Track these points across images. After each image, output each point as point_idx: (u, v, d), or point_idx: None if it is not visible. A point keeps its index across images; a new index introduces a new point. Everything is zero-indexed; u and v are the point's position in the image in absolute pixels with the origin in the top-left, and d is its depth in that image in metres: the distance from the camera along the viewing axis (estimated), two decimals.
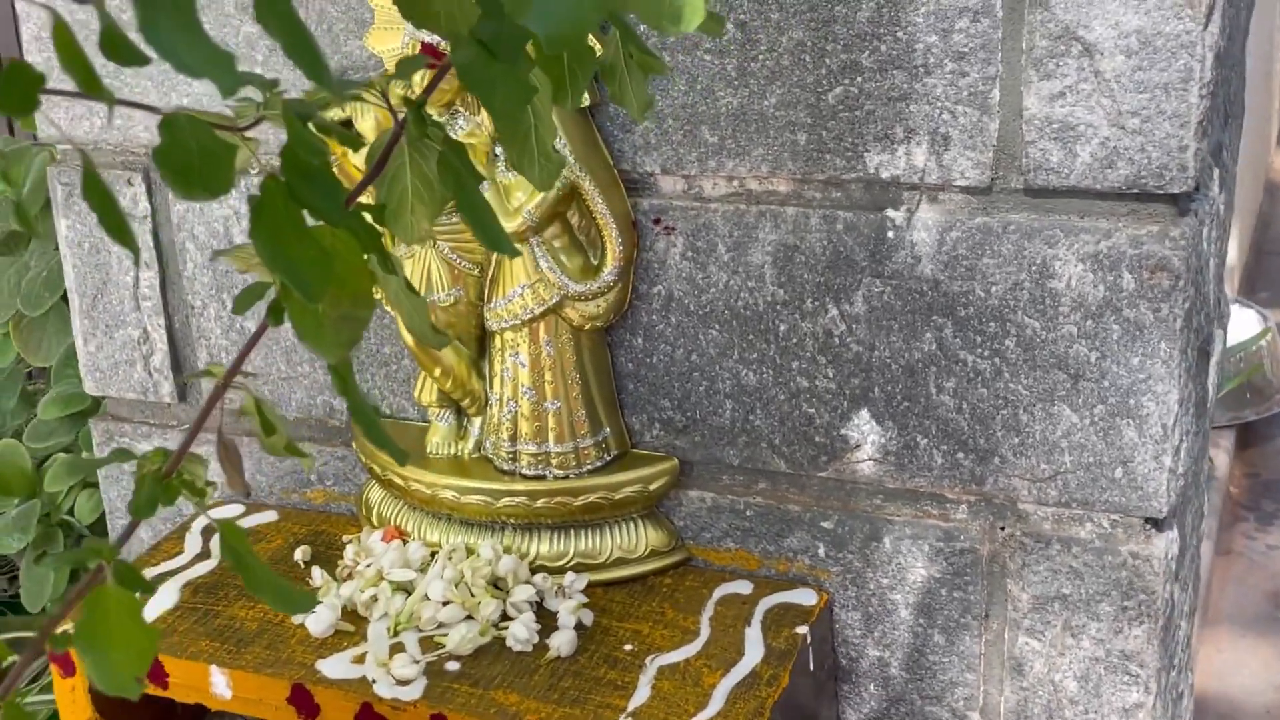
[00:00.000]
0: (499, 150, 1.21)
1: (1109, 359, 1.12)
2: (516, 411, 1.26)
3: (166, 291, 1.44)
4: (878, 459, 1.21)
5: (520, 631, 1.19)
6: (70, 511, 1.71)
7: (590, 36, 0.90)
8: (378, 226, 0.83)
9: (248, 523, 1.43)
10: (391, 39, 1.19)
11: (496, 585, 1.24)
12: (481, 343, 1.29)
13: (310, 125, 0.74)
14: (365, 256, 0.79)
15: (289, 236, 0.72)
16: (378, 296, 1.27)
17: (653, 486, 1.27)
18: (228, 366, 0.85)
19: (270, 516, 1.45)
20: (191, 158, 0.68)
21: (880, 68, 1.11)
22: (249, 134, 0.75)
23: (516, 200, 1.18)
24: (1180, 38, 1.02)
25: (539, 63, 0.88)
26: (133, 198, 1.41)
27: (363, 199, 0.82)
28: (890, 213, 1.15)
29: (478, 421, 1.31)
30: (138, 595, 0.81)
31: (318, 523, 1.43)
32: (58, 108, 1.41)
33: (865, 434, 1.21)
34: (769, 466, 1.26)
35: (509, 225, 1.18)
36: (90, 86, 0.59)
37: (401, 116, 0.81)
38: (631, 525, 1.29)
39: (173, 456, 0.83)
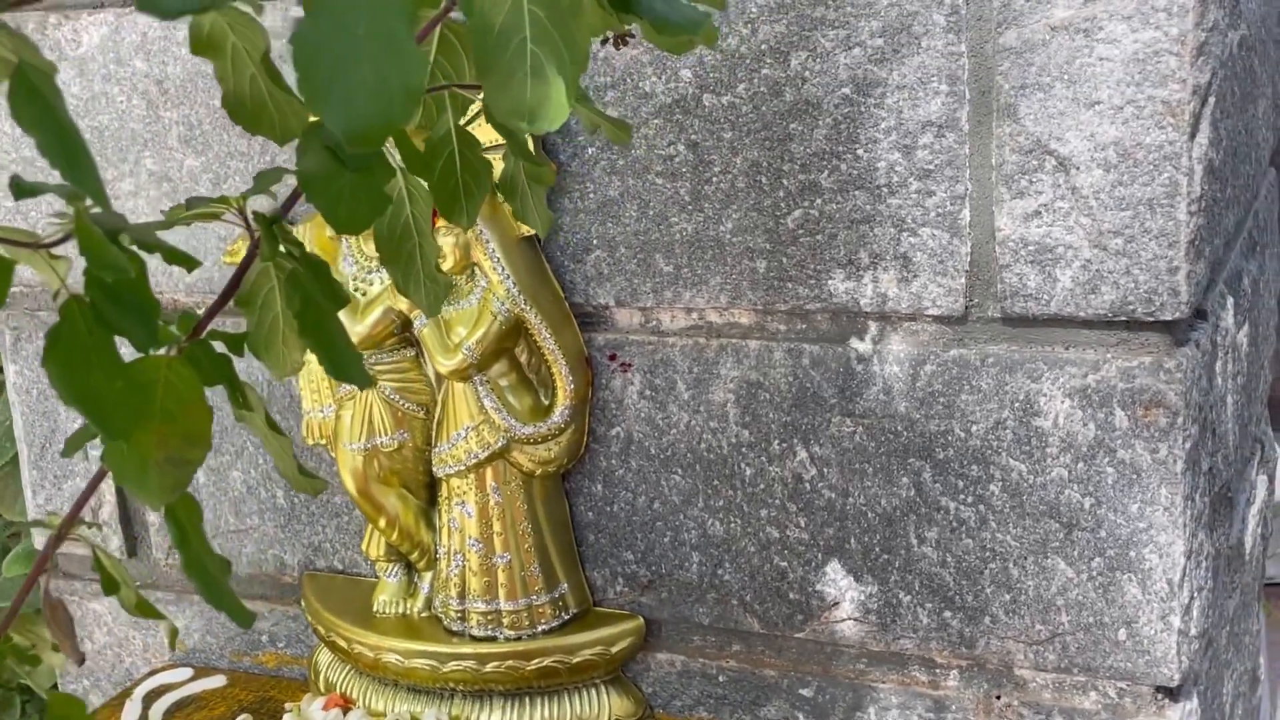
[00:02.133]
0: None
1: (1104, 506, 1.00)
2: (464, 566, 1.15)
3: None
4: (858, 618, 1.09)
5: None
6: (29, 673, 1.62)
7: (483, 149, 0.82)
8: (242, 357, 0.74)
9: (193, 688, 1.33)
10: None
11: None
12: (431, 490, 1.19)
13: (124, 241, 0.66)
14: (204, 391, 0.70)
15: (91, 367, 0.63)
16: (322, 442, 1.19)
17: (615, 649, 1.15)
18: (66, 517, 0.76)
19: (218, 681, 1.34)
20: None
21: (841, 188, 1.02)
22: (57, 252, 0.67)
23: (457, 335, 1.10)
24: (1163, 149, 0.93)
25: (428, 176, 0.81)
26: None
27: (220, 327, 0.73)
28: (858, 345, 1.05)
29: (428, 577, 1.21)
30: None
31: (267, 688, 1.32)
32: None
33: (843, 590, 1.09)
34: (742, 626, 1.14)
35: (449, 362, 1.09)
36: None
37: (257, 235, 0.72)
38: (593, 692, 1.17)
39: (4, 618, 0.74)
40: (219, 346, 0.70)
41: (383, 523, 1.18)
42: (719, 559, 1.13)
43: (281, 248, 0.73)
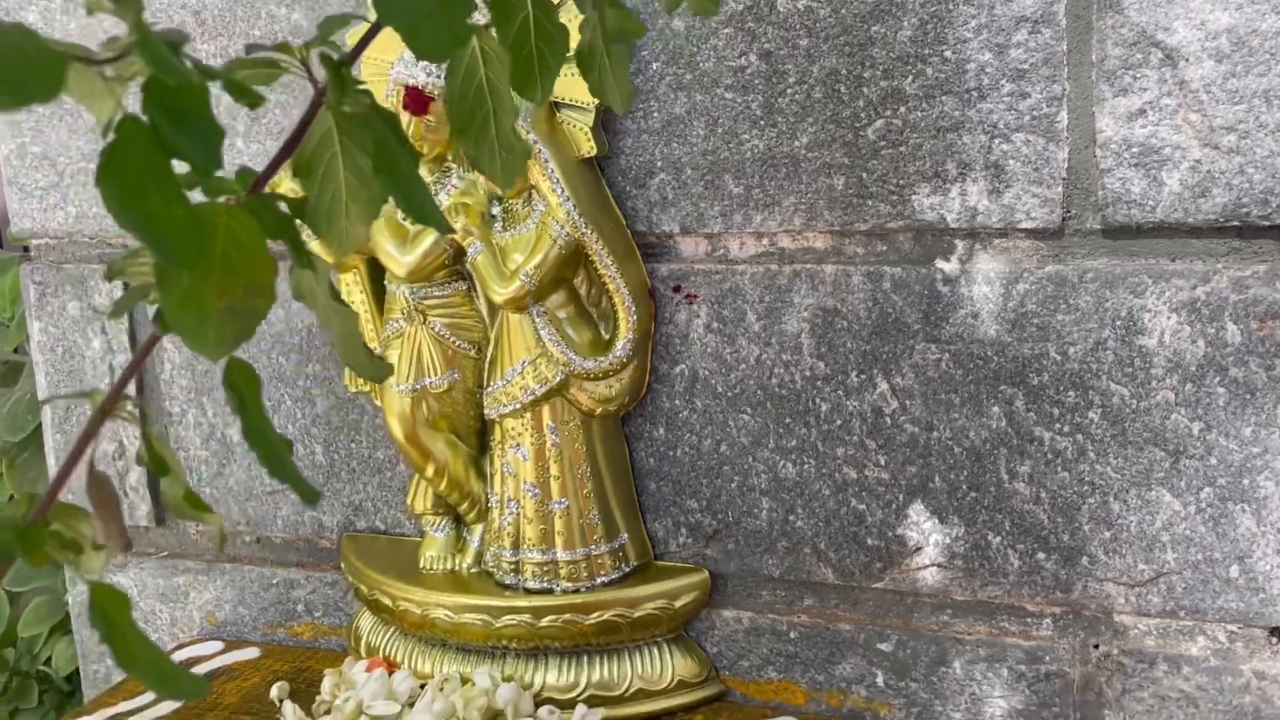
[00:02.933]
0: (495, 211, 1.06)
1: (1215, 430, 0.93)
2: (519, 514, 1.08)
3: (144, 400, 1.30)
4: (942, 564, 1.02)
5: None
6: (48, 662, 1.55)
7: (561, 13, 0.76)
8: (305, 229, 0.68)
9: (225, 660, 1.26)
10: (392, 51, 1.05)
11: None
12: (482, 437, 1.12)
13: (183, 59, 0.59)
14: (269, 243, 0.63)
15: (149, 189, 0.56)
16: (367, 389, 1.12)
17: (679, 603, 1.08)
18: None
19: (251, 654, 1.27)
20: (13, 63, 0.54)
21: (926, 94, 0.95)
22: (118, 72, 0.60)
23: (513, 263, 1.03)
24: None
25: (500, 38, 0.74)
26: (108, 294, 1.28)
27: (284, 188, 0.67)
28: (944, 265, 0.98)
29: (478, 530, 1.14)
30: None
31: (303, 659, 1.25)
32: (31, 198, 1.29)
33: (926, 534, 1.02)
34: (815, 577, 1.07)
35: (505, 290, 1.03)
36: None
37: (322, 84, 0.66)
38: (655, 651, 1.09)
39: (43, 496, 0.67)
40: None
41: (430, 471, 1.11)
42: (791, 504, 1.06)
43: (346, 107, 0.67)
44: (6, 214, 1.36)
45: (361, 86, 0.66)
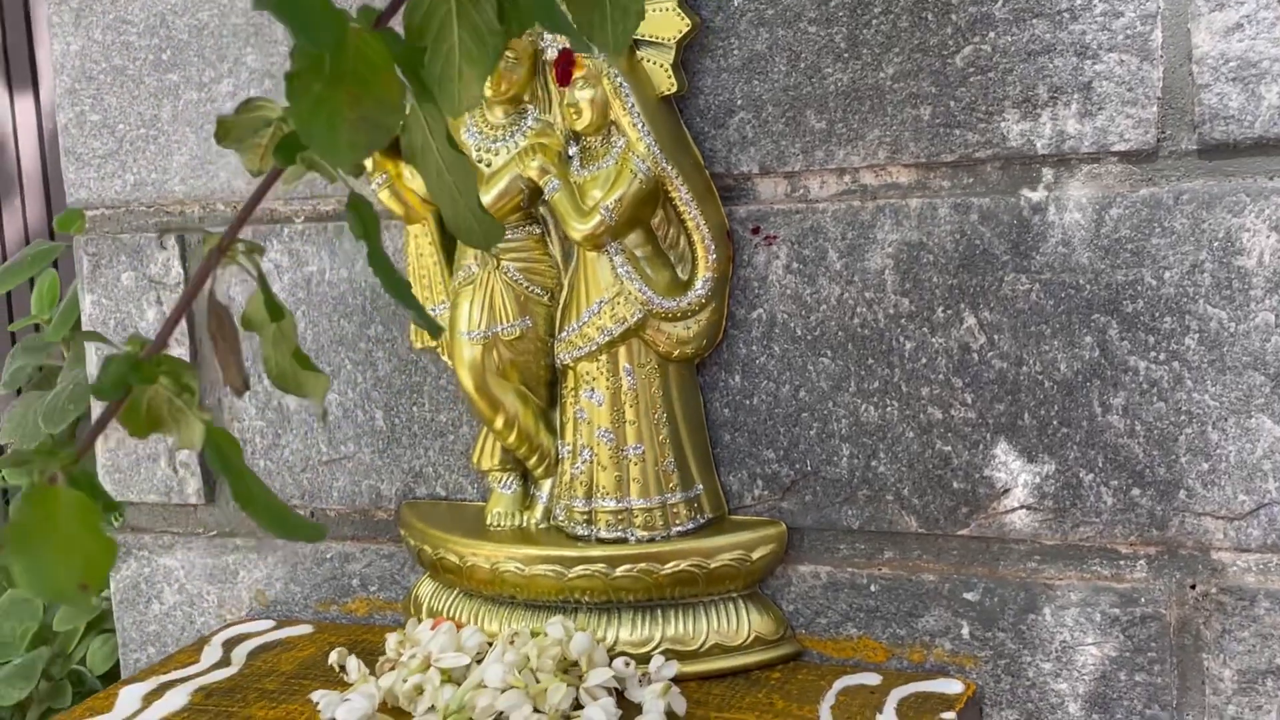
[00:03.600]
0: (572, 151, 1.05)
1: None
2: (593, 461, 1.06)
3: (197, 369, 1.27)
4: (1032, 505, 1.00)
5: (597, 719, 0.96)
6: (82, 661, 1.50)
7: None
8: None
9: (278, 635, 1.22)
10: None
11: (568, 671, 1.01)
12: (551, 390, 1.10)
13: None
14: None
15: None
16: (434, 346, 1.10)
17: (755, 555, 1.05)
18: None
19: (304, 630, 1.23)
20: None
21: (1016, 18, 0.95)
22: None
23: (592, 199, 1.02)
24: None
25: None
26: (164, 262, 1.26)
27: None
28: (1033, 194, 0.97)
29: (546, 485, 1.11)
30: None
31: (359, 634, 1.21)
32: (88, 166, 1.28)
33: (1015, 474, 1.00)
34: (897, 526, 1.04)
35: (585, 225, 1.01)
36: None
37: None
38: (730, 607, 1.06)
39: (156, 336, 0.65)
40: None
41: (500, 423, 1.09)
42: (872, 449, 1.03)
43: None
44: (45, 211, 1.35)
45: None
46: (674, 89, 1.02)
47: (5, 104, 2.41)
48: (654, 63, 1.02)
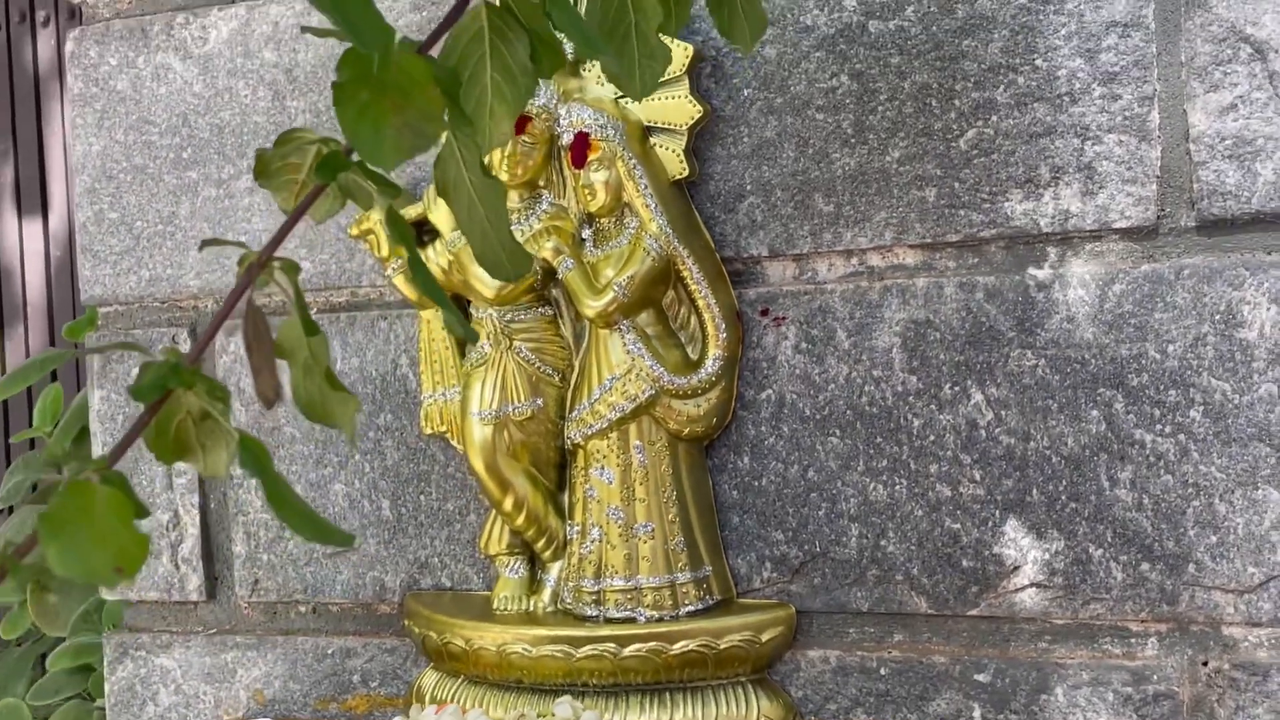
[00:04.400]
0: (585, 234, 1.07)
1: None
2: (602, 540, 1.06)
3: None
4: (1042, 583, 1.00)
5: None
6: None
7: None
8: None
9: None
10: None
11: None
12: (560, 473, 1.11)
13: None
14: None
15: None
16: (443, 431, 1.11)
17: (764, 637, 1.05)
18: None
19: None
20: None
21: (1018, 102, 0.98)
22: None
23: (605, 277, 1.04)
24: None
25: None
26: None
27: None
28: (1038, 272, 0.99)
29: (554, 569, 1.11)
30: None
31: None
32: (104, 263, 1.30)
33: (1024, 550, 1.00)
34: (906, 607, 1.04)
35: (597, 302, 1.03)
36: None
37: None
38: (739, 691, 1.05)
39: (199, 341, 0.66)
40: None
41: (509, 504, 1.09)
42: (881, 528, 1.04)
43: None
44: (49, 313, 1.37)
45: None
46: (685, 174, 1.05)
47: (15, 232, 2.45)
48: (667, 148, 1.05)
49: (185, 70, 1.25)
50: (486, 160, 1.05)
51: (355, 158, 0.69)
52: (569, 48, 1.02)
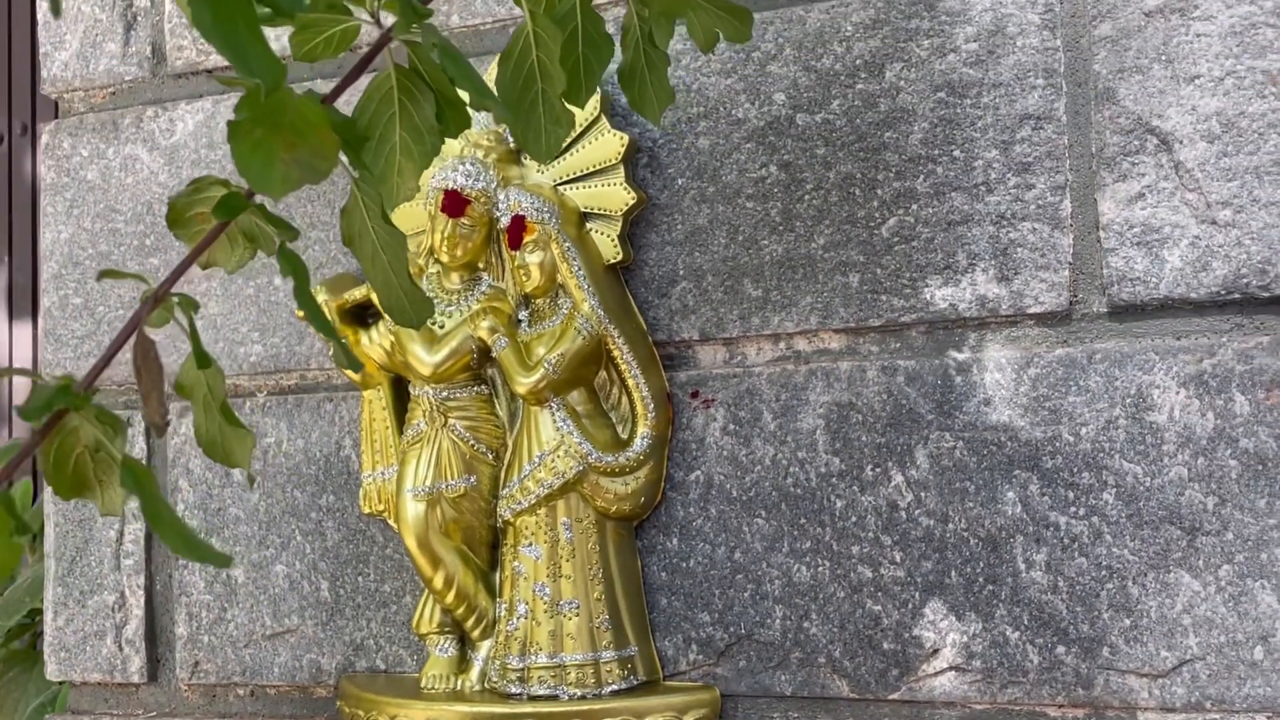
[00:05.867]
0: (522, 315, 1.10)
1: (1229, 504, 0.93)
2: (528, 616, 1.06)
3: (152, 545, 1.29)
4: (960, 666, 1.00)
5: None
6: None
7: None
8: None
9: None
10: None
11: None
12: (493, 552, 1.12)
13: None
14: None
15: (237, 21, 0.62)
16: (381, 511, 1.13)
17: (687, 718, 1.05)
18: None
19: None
20: None
21: (937, 192, 1.01)
22: None
23: (536, 355, 1.06)
24: (1266, 116, 0.93)
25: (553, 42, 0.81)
26: (129, 438, 1.30)
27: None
28: (956, 355, 1.01)
29: (484, 647, 1.11)
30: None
31: None
32: (65, 347, 1.33)
33: (943, 633, 1.00)
34: (829, 691, 1.04)
35: (528, 379, 1.05)
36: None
37: (389, 25, 0.73)
38: None
39: (91, 370, 0.69)
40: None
41: (439, 581, 1.10)
42: (805, 609, 1.04)
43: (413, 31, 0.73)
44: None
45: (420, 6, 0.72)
46: (620, 258, 1.08)
47: (5, 338, 2.49)
48: (602, 233, 1.08)
49: (152, 161, 1.30)
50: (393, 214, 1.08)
51: (258, 200, 0.72)
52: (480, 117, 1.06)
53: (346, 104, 0.75)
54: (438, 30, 0.72)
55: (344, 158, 0.70)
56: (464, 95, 0.74)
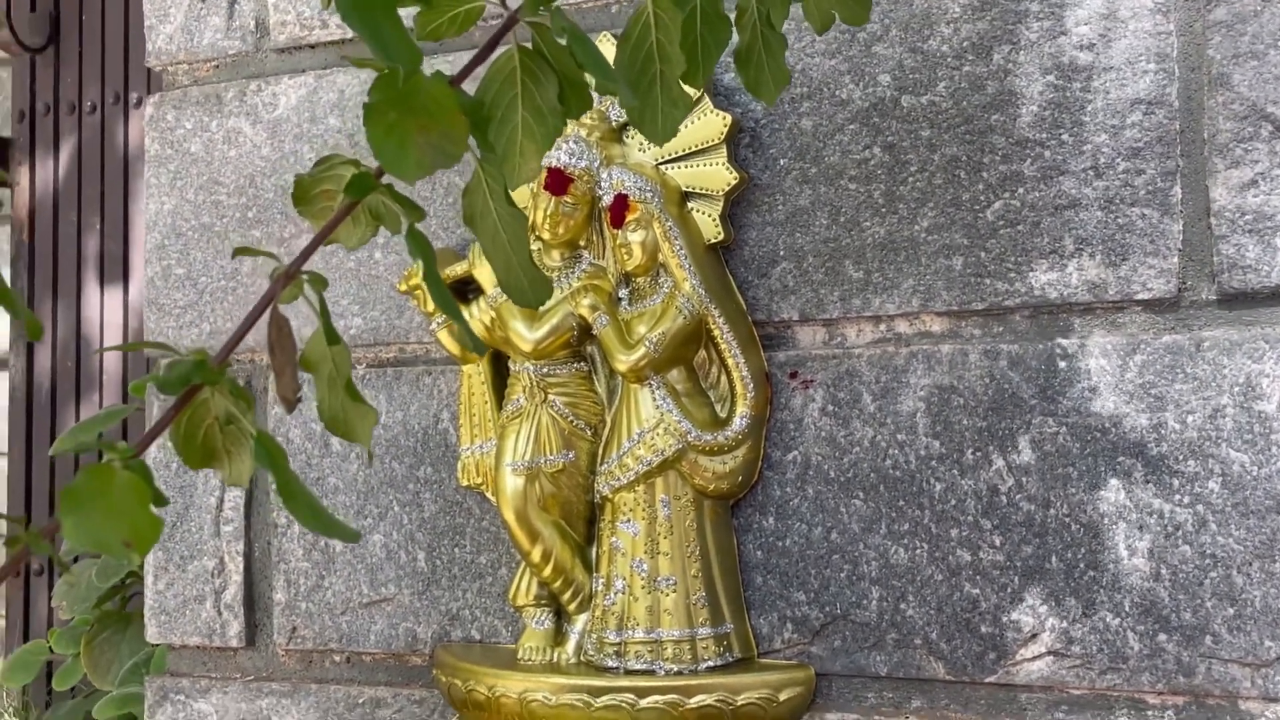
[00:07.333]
0: (622, 293, 1.11)
1: None
2: (626, 592, 1.08)
3: (251, 512, 1.31)
4: (1059, 651, 1.00)
5: None
6: None
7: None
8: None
9: None
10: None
11: None
12: (590, 527, 1.13)
13: None
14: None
15: (377, 6, 0.63)
16: (479, 484, 1.14)
17: (782, 696, 1.05)
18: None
19: None
20: None
21: (1044, 175, 1.01)
22: None
23: (638, 334, 1.07)
24: None
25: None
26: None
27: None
28: (1061, 340, 1.01)
29: (580, 621, 1.12)
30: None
31: None
32: (168, 316, 1.35)
33: (1042, 618, 1.00)
34: (924, 673, 1.04)
35: (629, 357, 1.06)
36: None
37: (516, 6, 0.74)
38: None
39: (226, 342, 0.71)
40: None
41: (537, 555, 1.11)
42: (901, 591, 1.05)
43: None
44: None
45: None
46: (721, 238, 1.08)
47: (97, 304, 2.54)
48: (703, 213, 1.08)
49: (255, 134, 1.32)
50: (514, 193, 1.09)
51: (385, 180, 0.73)
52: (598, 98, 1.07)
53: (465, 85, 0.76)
54: (565, 13, 0.73)
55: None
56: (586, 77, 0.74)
